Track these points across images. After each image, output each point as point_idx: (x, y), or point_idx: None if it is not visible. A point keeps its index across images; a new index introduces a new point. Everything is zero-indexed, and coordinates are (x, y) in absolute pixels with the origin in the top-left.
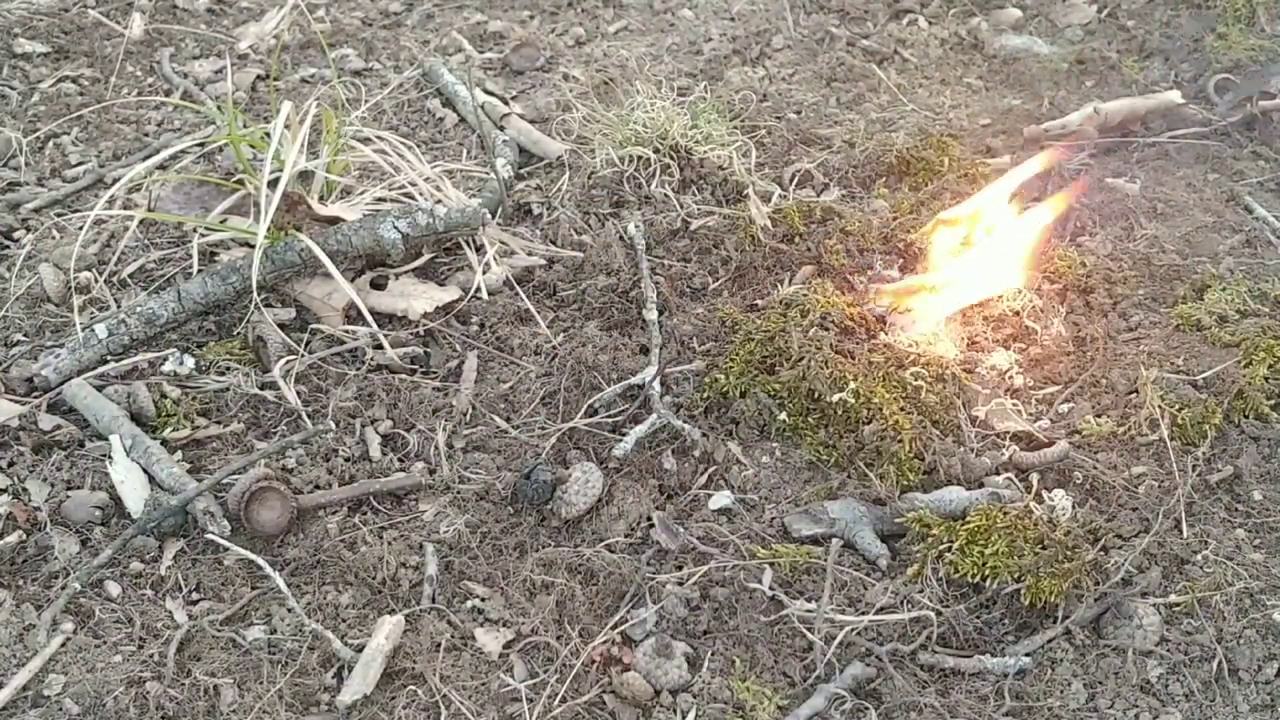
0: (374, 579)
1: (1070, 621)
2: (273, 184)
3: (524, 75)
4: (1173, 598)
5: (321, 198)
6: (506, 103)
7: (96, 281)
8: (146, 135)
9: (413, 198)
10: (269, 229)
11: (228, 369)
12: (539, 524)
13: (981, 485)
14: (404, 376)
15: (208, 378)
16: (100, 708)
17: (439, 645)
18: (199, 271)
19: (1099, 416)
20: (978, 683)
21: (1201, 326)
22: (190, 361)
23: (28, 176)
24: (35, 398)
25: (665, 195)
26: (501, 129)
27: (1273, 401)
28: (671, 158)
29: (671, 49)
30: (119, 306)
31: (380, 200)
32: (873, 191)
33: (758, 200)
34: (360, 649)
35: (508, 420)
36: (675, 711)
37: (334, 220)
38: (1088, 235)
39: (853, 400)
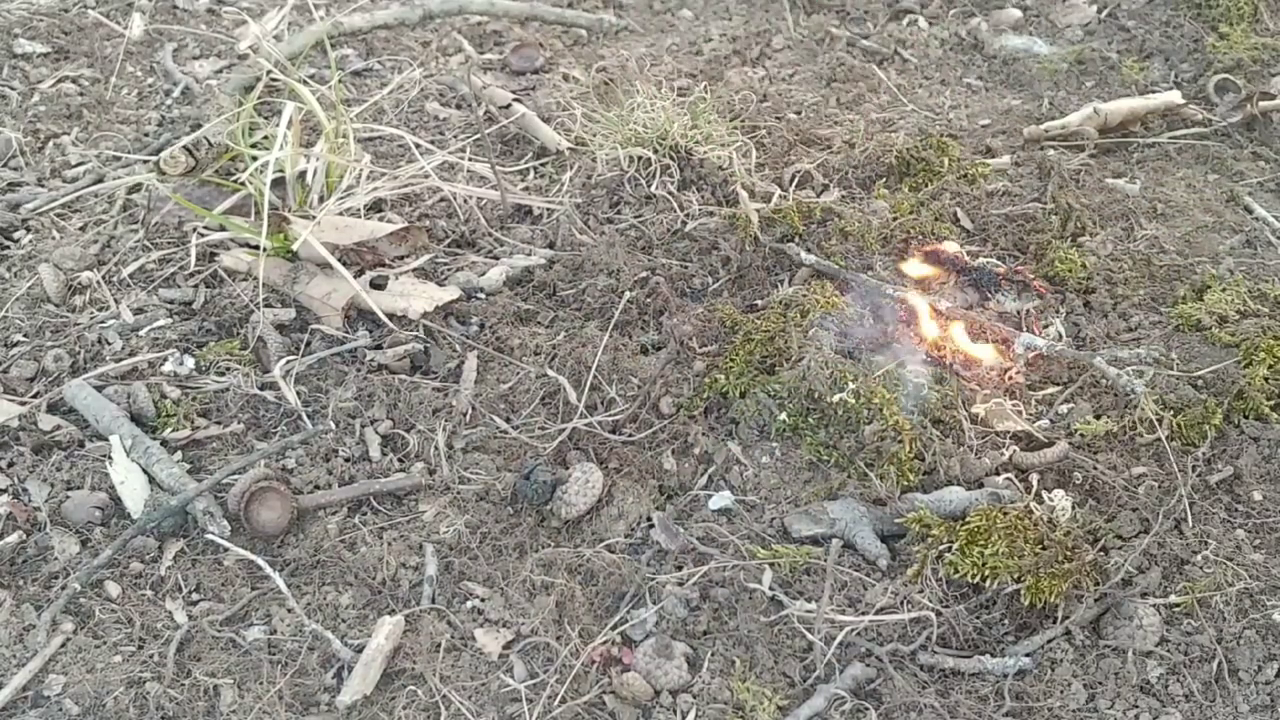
0: (374, 579)
1: (1070, 622)
2: (275, 184)
3: (524, 76)
4: (1173, 598)
5: (321, 197)
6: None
7: (98, 283)
8: (146, 135)
9: (414, 196)
10: (269, 232)
11: (228, 369)
12: (539, 524)
13: (981, 485)
14: (404, 377)
15: (208, 378)
16: (100, 708)
17: (439, 645)
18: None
19: (1098, 417)
20: (978, 683)
21: (1201, 326)
22: (190, 361)
23: (28, 176)
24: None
25: (667, 195)
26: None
27: (1273, 401)
28: (671, 158)
29: (671, 49)
30: (118, 306)
31: (380, 200)
32: (873, 192)
33: (745, 198)
34: (360, 649)
35: (508, 420)
36: (675, 712)
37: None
38: (1088, 235)
39: (853, 400)
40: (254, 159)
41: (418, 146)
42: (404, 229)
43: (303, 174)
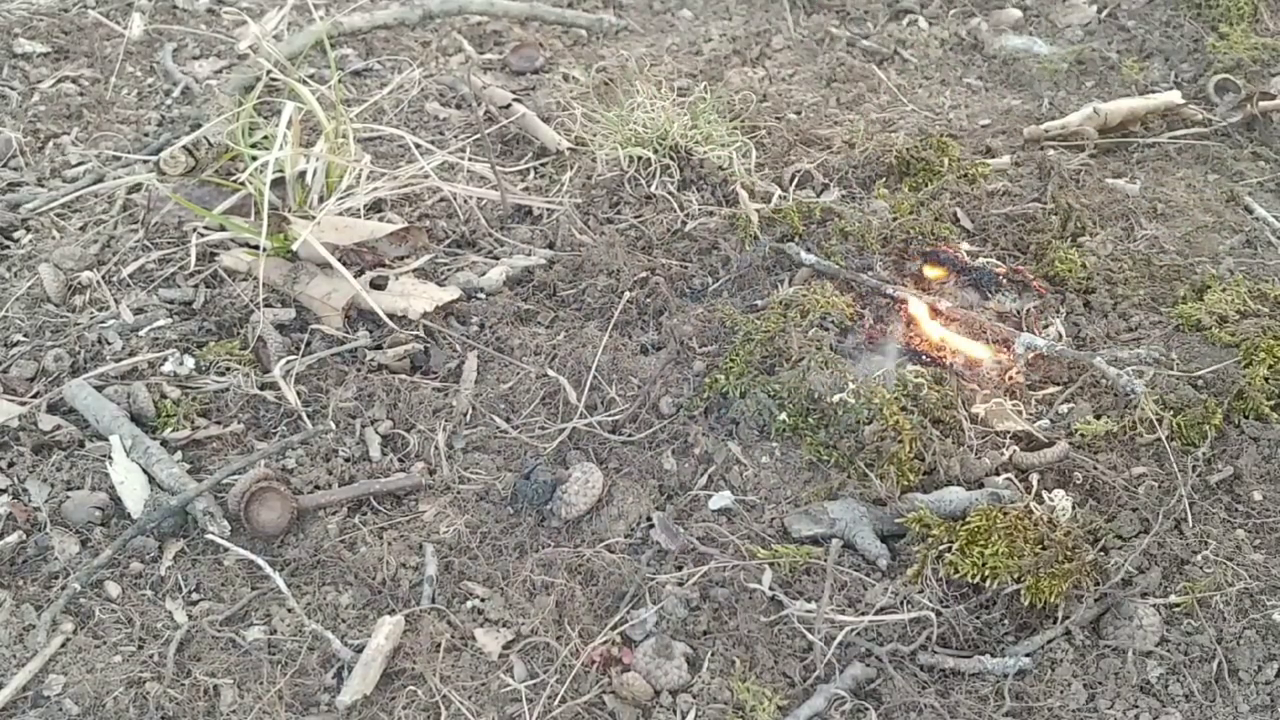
0: (374, 579)
1: (1070, 622)
2: (275, 184)
3: (524, 76)
4: (1173, 598)
5: (321, 197)
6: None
7: (98, 283)
8: (146, 135)
9: (414, 196)
10: (269, 232)
11: (228, 369)
12: (539, 524)
13: (981, 485)
14: (404, 377)
15: (208, 378)
16: (100, 708)
17: (439, 645)
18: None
19: (1098, 417)
20: (978, 683)
21: (1201, 326)
22: (190, 362)
23: (28, 176)
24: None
25: (667, 195)
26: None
27: (1273, 401)
28: (671, 158)
29: (671, 49)
30: (118, 306)
31: (380, 200)
32: (873, 192)
33: (745, 198)
34: (360, 649)
35: (508, 420)
36: (675, 712)
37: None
38: (1088, 235)
39: (853, 400)
40: (254, 159)
41: (418, 146)
42: (404, 229)
43: (303, 174)
